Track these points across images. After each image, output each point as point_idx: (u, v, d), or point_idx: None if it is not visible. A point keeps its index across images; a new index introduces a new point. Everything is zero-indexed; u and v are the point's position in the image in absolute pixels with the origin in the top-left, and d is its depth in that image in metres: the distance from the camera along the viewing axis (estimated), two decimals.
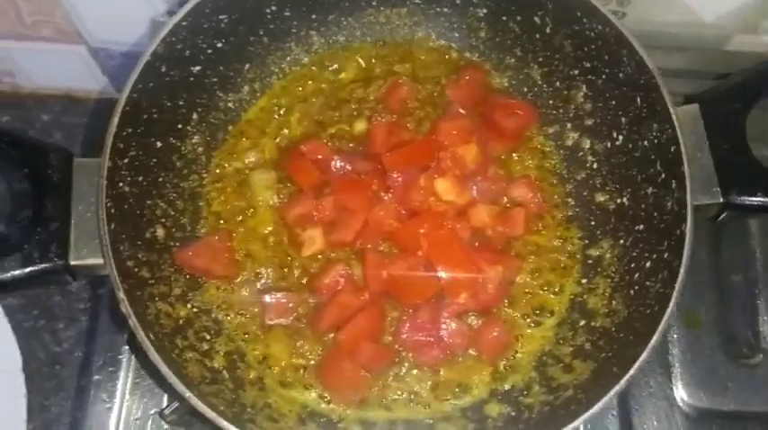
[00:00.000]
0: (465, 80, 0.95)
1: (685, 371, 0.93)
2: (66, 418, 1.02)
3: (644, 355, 0.71)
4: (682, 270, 0.74)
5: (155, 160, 0.85)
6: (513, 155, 0.94)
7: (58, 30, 1.07)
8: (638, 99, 0.84)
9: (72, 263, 0.75)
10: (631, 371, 0.71)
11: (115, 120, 0.77)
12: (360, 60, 0.98)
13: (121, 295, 0.72)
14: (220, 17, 0.86)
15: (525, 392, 0.84)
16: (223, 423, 0.69)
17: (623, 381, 0.71)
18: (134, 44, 1.09)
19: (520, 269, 0.89)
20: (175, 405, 0.84)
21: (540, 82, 0.96)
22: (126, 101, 0.78)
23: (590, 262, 0.89)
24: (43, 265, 0.72)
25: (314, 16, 0.94)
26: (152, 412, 0.90)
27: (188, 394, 0.69)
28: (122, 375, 0.90)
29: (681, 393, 0.92)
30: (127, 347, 0.91)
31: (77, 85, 1.21)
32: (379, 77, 0.96)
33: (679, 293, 0.73)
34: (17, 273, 0.71)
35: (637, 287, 0.82)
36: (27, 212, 0.72)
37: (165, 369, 0.70)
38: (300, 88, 0.97)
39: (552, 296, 0.89)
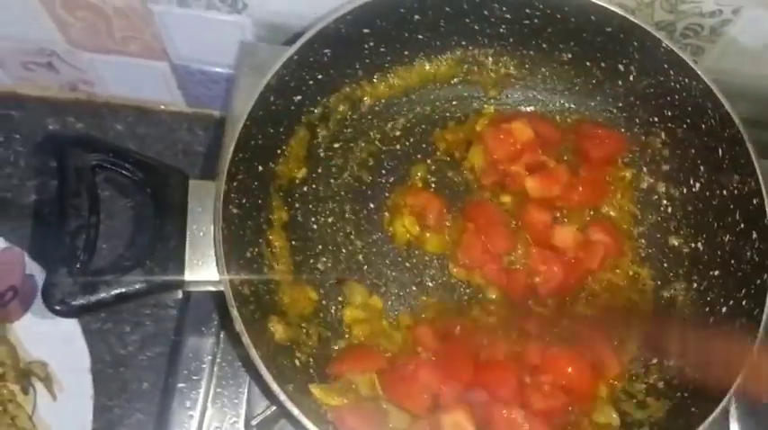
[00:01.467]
0: None
1: (740, 407, 0.95)
2: (128, 420, 1.06)
3: (726, 399, 0.75)
4: (764, 317, 0.78)
5: (256, 183, 0.89)
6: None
7: (145, 46, 1.11)
8: (720, 150, 0.88)
9: (187, 279, 0.79)
10: (714, 414, 0.74)
11: (232, 146, 0.81)
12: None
13: (235, 313, 0.76)
14: (325, 51, 0.90)
15: None
16: None
17: (707, 423, 0.75)
18: (215, 64, 1.13)
19: None
20: (260, 418, 0.88)
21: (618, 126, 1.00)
22: (241, 129, 0.82)
23: (662, 302, 0.93)
24: (162, 281, 0.77)
25: (406, 53, 0.98)
26: (231, 421, 0.93)
27: (296, 412, 0.73)
28: (204, 384, 0.94)
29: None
30: (210, 357, 0.95)
31: (151, 97, 1.25)
32: None
33: (761, 341, 0.77)
34: (138, 286, 0.75)
35: (711, 331, 0.86)
36: (148, 231, 0.76)
37: (275, 386, 0.74)
38: None
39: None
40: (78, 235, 0.74)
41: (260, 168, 0.89)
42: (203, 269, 0.80)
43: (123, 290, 0.75)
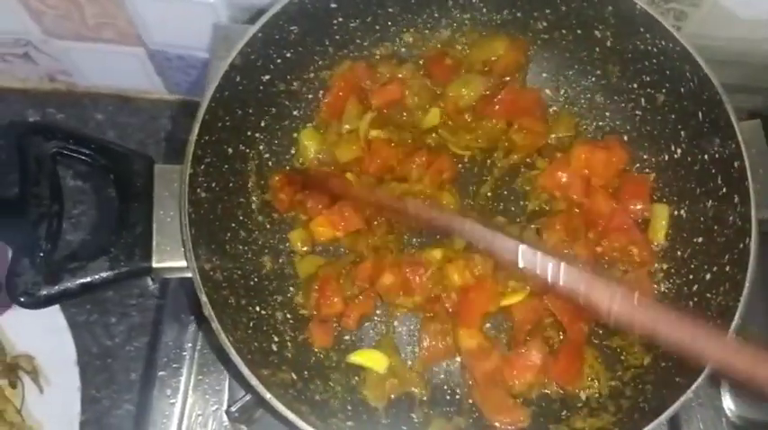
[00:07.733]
0: None
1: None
2: (117, 411, 1.05)
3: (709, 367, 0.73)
4: (747, 283, 0.76)
5: (226, 166, 0.87)
6: None
7: (119, 32, 1.09)
8: (700, 114, 0.85)
9: (155, 266, 0.78)
10: (699, 380, 0.73)
11: (196, 128, 0.79)
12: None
13: (204, 298, 0.74)
14: (291, 28, 0.88)
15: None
16: (300, 423, 0.71)
17: (690, 391, 0.73)
18: (191, 48, 1.11)
19: None
20: (240, 404, 0.87)
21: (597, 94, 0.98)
22: (205, 110, 0.80)
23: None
24: (128, 269, 0.75)
25: (377, 27, 0.96)
26: (214, 408, 0.92)
27: (268, 396, 0.72)
28: (185, 372, 0.93)
29: (728, 403, 0.93)
30: (190, 345, 0.94)
31: (131, 85, 1.23)
32: None
33: (744, 306, 0.75)
34: (104, 275, 0.74)
35: (696, 299, 0.84)
36: (113, 217, 0.75)
37: (246, 370, 0.73)
38: None
39: None
40: (40, 224, 0.73)
41: (230, 151, 0.88)
42: (172, 255, 0.78)
43: (88, 279, 0.73)
